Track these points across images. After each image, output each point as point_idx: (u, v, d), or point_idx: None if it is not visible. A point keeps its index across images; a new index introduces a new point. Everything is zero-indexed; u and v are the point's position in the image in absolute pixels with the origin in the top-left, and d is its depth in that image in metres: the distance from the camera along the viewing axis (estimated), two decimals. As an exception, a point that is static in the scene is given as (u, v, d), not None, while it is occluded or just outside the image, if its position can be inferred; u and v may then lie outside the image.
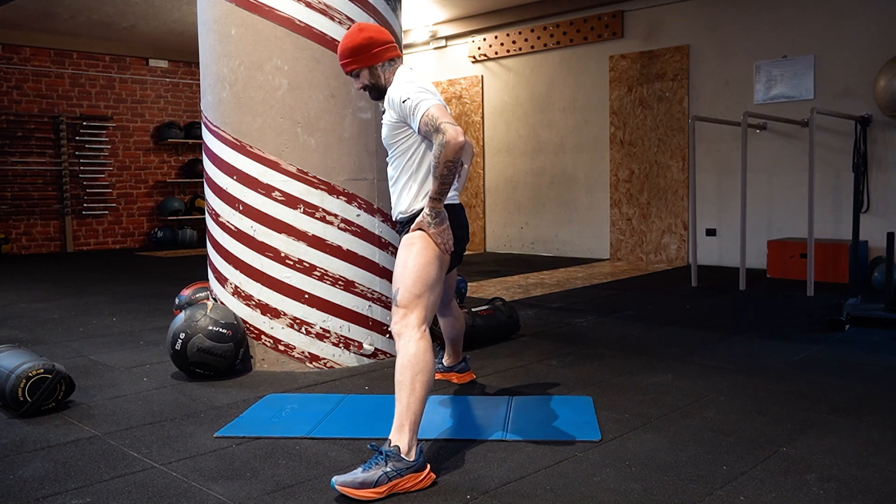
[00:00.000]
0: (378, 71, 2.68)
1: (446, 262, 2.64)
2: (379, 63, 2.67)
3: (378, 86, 2.70)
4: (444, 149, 2.40)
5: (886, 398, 3.08)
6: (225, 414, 3.04)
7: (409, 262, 2.55)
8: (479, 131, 9.64)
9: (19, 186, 10.12)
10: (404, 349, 2.42)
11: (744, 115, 5.87)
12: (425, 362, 2.39)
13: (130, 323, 5.05)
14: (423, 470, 2.32)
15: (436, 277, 2.57)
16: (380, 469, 2.25)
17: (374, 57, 2.66)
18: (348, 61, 2.68)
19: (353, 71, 2.70)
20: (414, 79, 2.62)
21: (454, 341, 3.42)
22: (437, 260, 2.57)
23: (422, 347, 2.41)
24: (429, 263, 2.55)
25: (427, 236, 2.56)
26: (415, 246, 2.57)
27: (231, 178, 3.72)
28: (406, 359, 2.39)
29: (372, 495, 2.21)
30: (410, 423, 2.34)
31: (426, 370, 2.39)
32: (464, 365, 3.48)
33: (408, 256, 2.57)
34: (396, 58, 2.71)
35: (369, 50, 2.65)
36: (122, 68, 10.94)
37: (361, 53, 2.65)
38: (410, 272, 2.53)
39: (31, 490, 2.31)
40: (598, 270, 7.48)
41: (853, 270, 4.95)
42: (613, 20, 8.13)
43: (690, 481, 2.28)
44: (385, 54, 2.67)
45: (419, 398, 2.36)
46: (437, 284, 2.59)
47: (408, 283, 2.52)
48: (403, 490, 2.26)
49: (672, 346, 4.10)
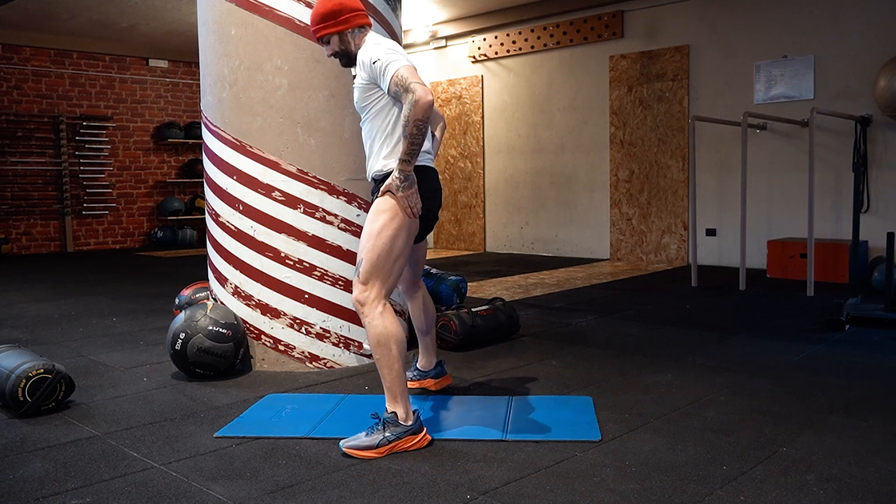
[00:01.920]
0: (348, 37, 2.74)
1: (414, 230, 2.69)
2: (349, 29, 2.72)
3: (348, 52, 2.75)
4: (413, 108, 2.46)
5: (886, 398, 3.08)
6: (225, 414, 3.04)
7: (373, 232, 2.63)
8: (479, 131, 9.64)
9: (19, 186, 10.12)
10: (371, 326, 2.59)
11: (744, 115, 5.87)
12: (394, 333, 2.58)
13: (130, 323, 5.05)
14: (420, 433, 2.60)
15: (400, 248, 2.65)
16: (380, 434, 2.53)
17: (344, 22, 2.71)
18: (319, 27, 2.73)
19: (324, 37, 2.75)
20: (382, 41, 2.69)
21: (424, 332, 3.25)
22: (403, 230, 2.64)
23: (387, 321, 2.59)
24: (395, 235, 2.62)
25: (395, 205, 2.61)
26: (382, 215, 2.63)
27: (231, 178, 3.72)
28: (376, 337, 2.58)
29: (373, 455, 2.51)
30: (400, 392, 2.59)
31: (397, 340, 2.58)
32: (439, 369, 3.32)
33: (373, 225, 2.64)
34: (366, 25, 2.76)
35: (339, 15, 2.70)
36: (122, 68, 10.94)
37: (331, 19, 2.71)
38: (374, 243, 2.61)
39: (31, 490, 2.31)
40: (598, 270, 7.48)
41: (853, 270, 4.95)
42: (613, 20, 8.13)
43: (690, 481, 2.28)
44: (355, 20, 2.72)
45: (399, 369, 2.59)
46: (402, 256, 2.68)
47: (371, 255, 2.61)
48: (402, 450, 2.54)
49: (672, 346, 4.10)
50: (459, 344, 4.04)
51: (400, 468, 2.42)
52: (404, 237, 2.65)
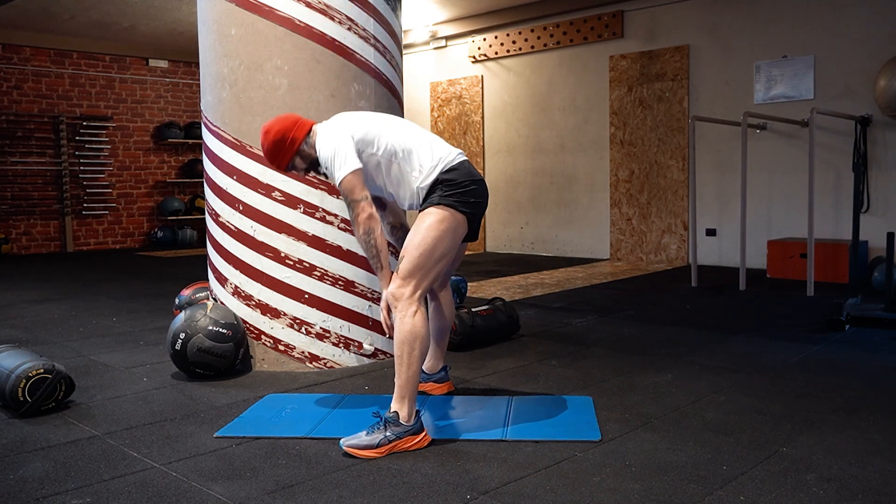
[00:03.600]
0: (305, 150, 2.77)
1: (461, 234, 2.75)
2: (301, 145, 2.75)
3: (314, 158, 2.78)
4: (355, 228, 2.66)
5: (886, 398, 3.08)
6: (225, 414, 3.04)
7: (419, 231, 2.68)
8: (479, 131, 9.64)
9: (19, 186, 10.12)
10: (401, 323, 2.61)
11: (744, 115, 5.87)
12: (422, 334, 2.60)
13: (130, 323, 5.05)
14: (420, 433, 2.61)
15: (443, 251, 2.69)
16: (381, 433, 2.54)
17: (293, 142, 2.74)
18: (277, 161, 2.79)
19: (287, 166, 2.80)
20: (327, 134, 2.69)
21: (438, 335, 3.21)
22: (449, 233, 2.69)
23: (417, 322, 2.60)
24: (440, 236, 2.67)
25: (444, 211, 2.68)
26: (430, 217, 2.69)
27: (231, 178, 3.72)
28: (403, 335, 2.59)
29: (373, 454, 2.52)
30: (410, 394, 2.60)
31: (422, 342, 2.60)
32: (443, 374, 3.27)
33: (420, 224, 2.69)
34: (309, 129, 2.77)
35: (285, 141, 2.74)
36: (122, 68, 10.95)
37: (281, 148, 2.75)
38: (418, 243, 2.66)
39: (31, 490, 2.31)
40: (598, 270, 7.48)
41: (853, 270, 4.95)
42: (613, 20, 8.13)
43: (690, 481, 2.28)
44: (299, 133, 2.75)
45: (416, 371, 2.61)
46: (445, 259, 2.72)
47: (414, 253, 2.65)
48: (402, 450, 2.55)
49: (672, 346, 4.10)
50: (459, 344, 4.04)
51: (400, 468, 2.42)
52: (450, 240, 2.69)
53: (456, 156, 2.79)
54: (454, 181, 2.72)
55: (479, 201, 2.78)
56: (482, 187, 2.81)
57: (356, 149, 2.68)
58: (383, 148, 2.73)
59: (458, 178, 2.73)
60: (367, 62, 3.78)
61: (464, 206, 2.71)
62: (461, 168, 2.77)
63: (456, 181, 2.72)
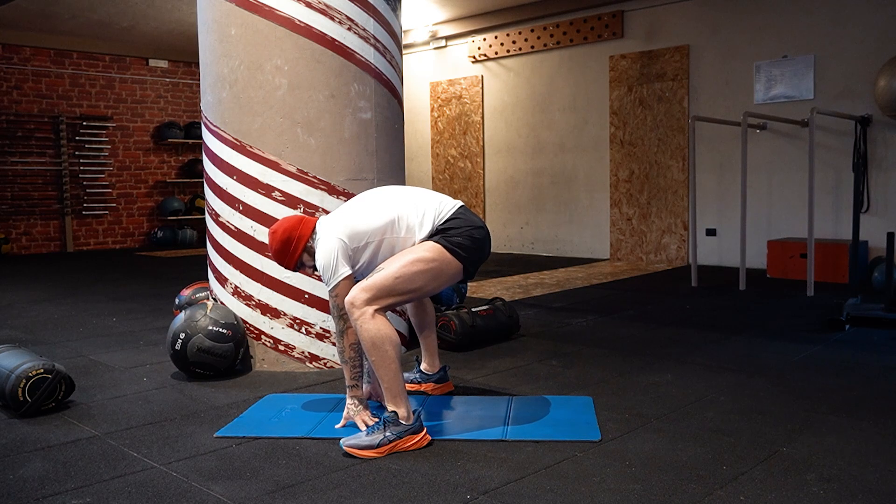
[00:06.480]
0: (312, 248, 2.81)
1: (446, 279, 2.75)
2: (306, 244, 2.79)
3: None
4: (339, 338, 2.71)
5: (886, 398, 3.08)
6: (225, 414, 3.04)
7: (404, 258, 2.68)
8: (479, 131, 9.64)
9: (19, 186, 10.12)
10: (363, 330, 2.58)
11: (744, 115, 5.87)
12: (388, 333, 2.58)
13: (130, 323, 5.05)
14: (420, 432, 2.60)
15: (419, 286, 2.69)
16: (381, 433, 2.54)
17: (299, 241, 2.78)
18: (286, 261, 2.82)
19: (295, 265, 2.84)
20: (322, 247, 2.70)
21: (422, 328, 3.20)
22: (432, 273, 2.69)
23: (379, 323, 2.58)
24: (421, 272, 2.67)
25: (442, 251, 2.70)
26: (423, 250, 2.69)
27: (231, 178, 3.72)
28: (370, 339, 2.57)
29: (373, 454, 2.51)
30: (400, 392, 2.61)
31: (392, 341, 2.58)
32: (442, 374, 3.26)
33: (410, 253, 2.69)
34: (313, 228, 2.81)
35: (291, 241, 2.79)
36: (122, 68, 10.95)
37: (288, 249, 2.79)
38: (398, 268, 2.66)
39: (31, 490, 2.31)
40: (598, 270, 7.49)
41: (853, 270, 4.95)
42: (613, 20, 8.13)
43: (690, 481, 2.28)
44: (305, 231, 2.79)
45: (397, 367, 2.60)
46: (416, 293, 2.72)
47: (388, 274, 2.64)
48: (402, 449, 2.55)
49: (672, 346, 4.10)
50: (459, 344, 4.04)
51: (400, 468, 2.42)
52: (431, 279, 2.70)
53: (452, 207, 2.82)
54: (453, 228, 2.76)
55: (476, 248, 2.80)
56: (482, 233, 2.83)
57: (350, 247, 2.69)
58: (372, 232, 2.73)
59: (458, 225, 2.77)
60: (367, 62, 3.78)
61: (462, 251, 2.73)
62: (461, 216, 2.81)
63: (455, 228, 2.76)
